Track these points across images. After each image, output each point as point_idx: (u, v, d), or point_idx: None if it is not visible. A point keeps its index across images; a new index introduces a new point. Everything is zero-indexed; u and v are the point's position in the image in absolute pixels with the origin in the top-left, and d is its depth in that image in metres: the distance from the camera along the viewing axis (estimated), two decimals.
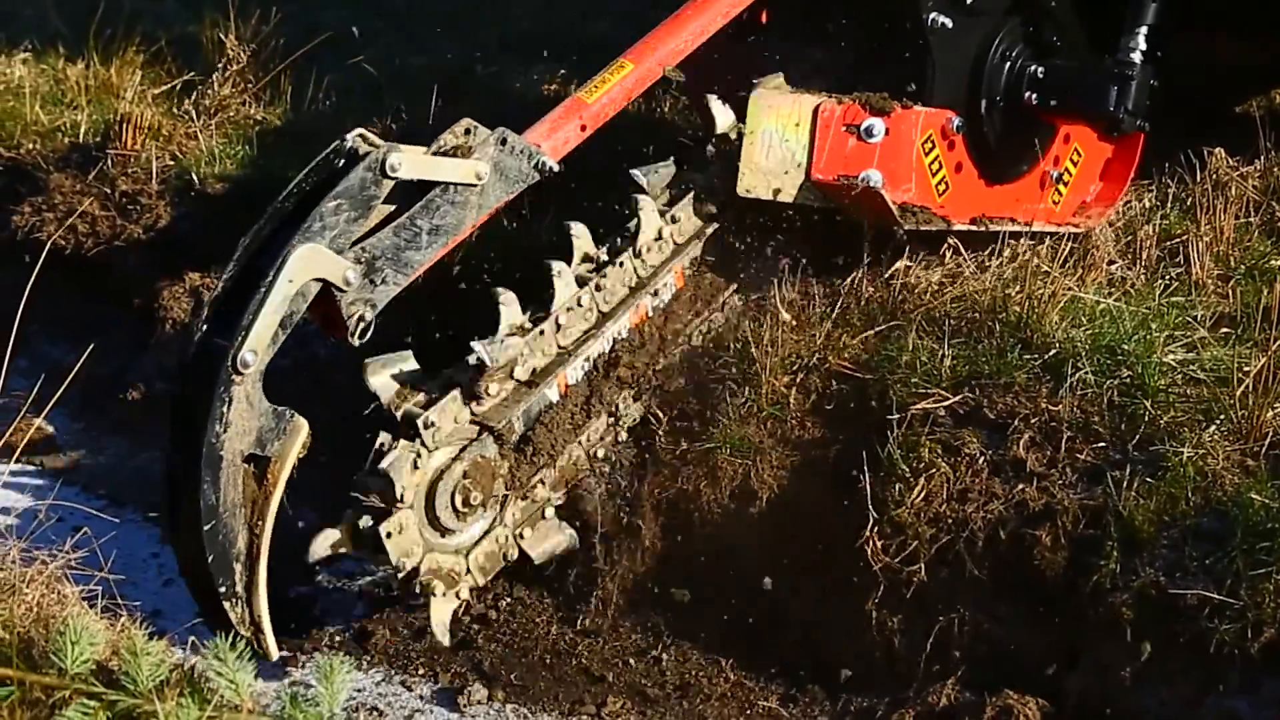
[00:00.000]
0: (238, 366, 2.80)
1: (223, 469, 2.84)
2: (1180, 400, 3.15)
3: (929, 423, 3.24)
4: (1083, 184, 3.93)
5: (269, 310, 2.80)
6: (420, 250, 2.99)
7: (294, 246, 2.82)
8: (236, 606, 2.92)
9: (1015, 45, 3.74)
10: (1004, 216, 3.73)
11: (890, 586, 3.15)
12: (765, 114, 3.51)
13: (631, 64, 3.40)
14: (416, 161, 2.97)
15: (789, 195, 3.51)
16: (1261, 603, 2.76)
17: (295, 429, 2.92)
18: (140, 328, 4.76)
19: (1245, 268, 3.63)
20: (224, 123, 5.30)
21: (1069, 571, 3.01)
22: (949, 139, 3.57)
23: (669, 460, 3.44)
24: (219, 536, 2.87)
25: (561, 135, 3.24)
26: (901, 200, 3.47)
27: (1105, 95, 3.68)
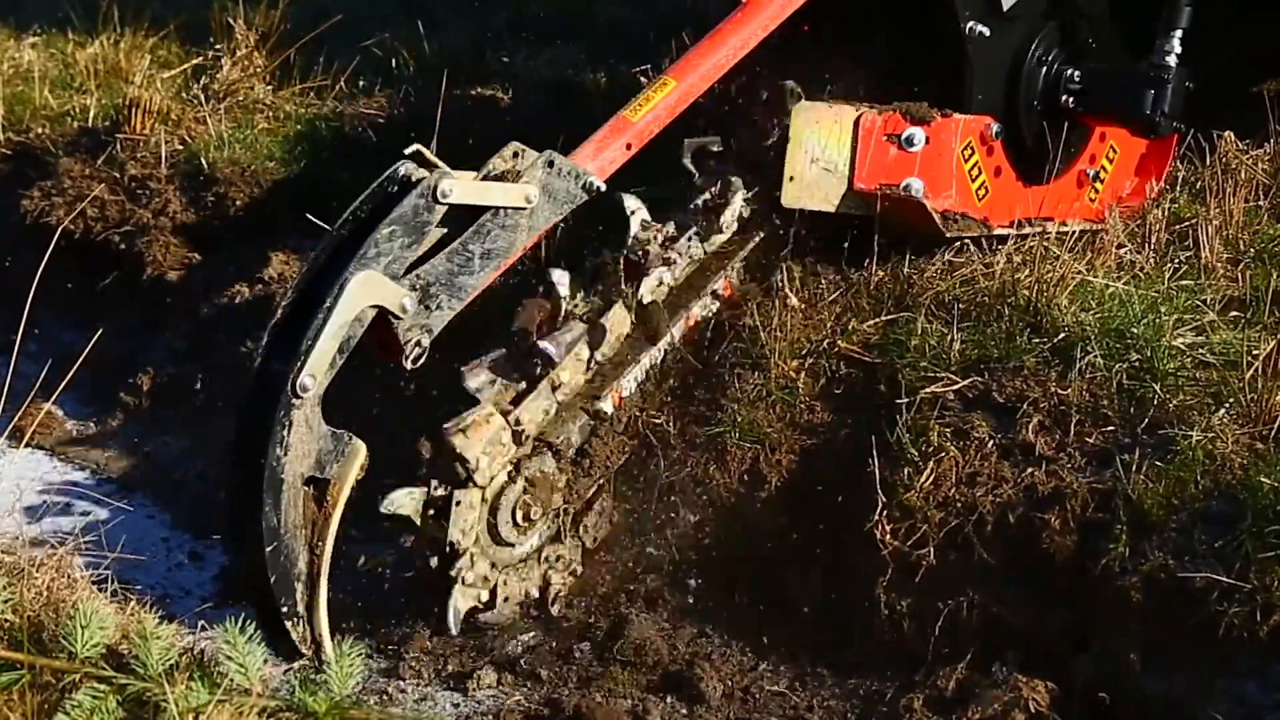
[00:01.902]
0: (297, 391, 2.83)
1: (284, 491, 2.87)
2: (1189, 384, 3.15)
3: (938, 407, 3.25)
4: (1119, 180, 3.95)
5: (327, 336, 2.84)
6: (473, 275, 3.03)
7: (351, 273, 2.85)
8: (298, 625, 2.95)
9: (1051, 50, 3.77)
10: (1043, 217, 3.76)
11: (899, 570, 3.15)
12: (808, 126, 3.56)
13: (674, 81, 3.38)
14: (467, 187, 3.00)
15: (832, 205, 3.56)
16: (1271, 586, 2.75)
17: (353, 452, 2.96)
18: (150, 312, 4.79)
19: (1255, 251, 3.63)
20: (233, 107, 5.32)
21: (1078, 555, 3.00)
22: (988, 144, 3.61)
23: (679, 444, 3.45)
24: (281, 557, 2.90)
25: (608, 155, 3.26)
26: (943, 207, 3.52)
27: (1142, 99, 3.70)
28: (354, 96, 5.35)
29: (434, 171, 2.98)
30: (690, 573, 3.40)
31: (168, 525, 4.04)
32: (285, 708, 2.71)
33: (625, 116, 3.31)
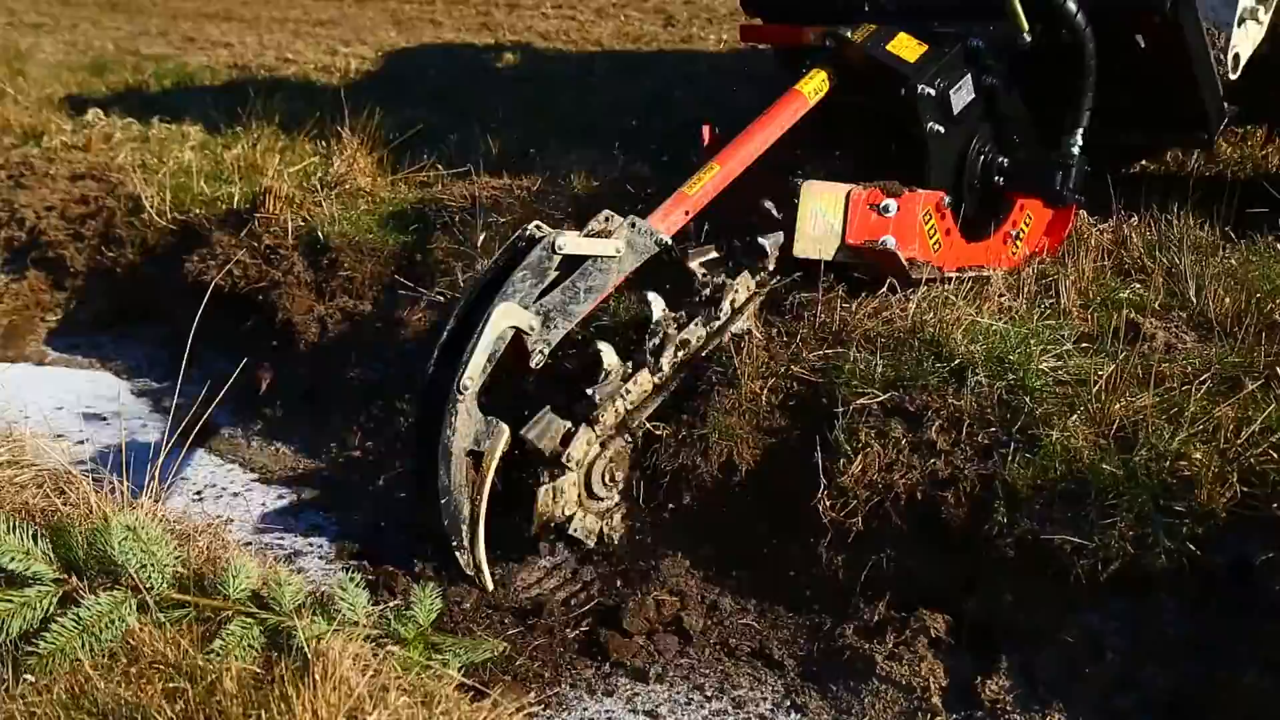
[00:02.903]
0: (460, 390, 2.98)
1: (453, 461, 3.00)
2: (1051, 396, 3.14)
3: (865, 415, 3.24)
4: (1033, 238, 3.97)
5: (481, 349, 3.00)
6: (580, 304, 3.19)
7: (496, 305, 3.02)
8: (463, 555, 3.08)
9: (987, 144, 3.82)
10: (979, 265, 3.81)
11: (836, 534, 3.15)
12: (812, 198, 3.62)
13: (719, 166, 3.51)
14: (575, 241, 3.17)
15: (829, 255, 3.61)
16: (1109, 544, 2.78)
17: (499, 431, 3.08)
18: (282, 346, 4.80)
19: (1100, 299, 3.62)
20: (342, 194, 5.33)
21: (968, 523, 3.00)
22: (941, 212, 3.66)
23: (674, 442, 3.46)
24: (451, 508, 3.03)
25: (673, 219, 3.40)
26: (909, 256, 3.57)
27: (1053, 179, 3.75)
28: (431, 185, 5.35)
29: (552, 231, 3.13)
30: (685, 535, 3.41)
31: (296, 503, 4.06)
32: (384, 635, 2.75)
33: (684, 192, 3.45)
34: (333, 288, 4.89)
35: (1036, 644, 2.87)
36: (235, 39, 9.97)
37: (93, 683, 2.49)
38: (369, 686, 2.42)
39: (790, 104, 3.66)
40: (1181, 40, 3.66)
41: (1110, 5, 3.62)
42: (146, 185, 5.75)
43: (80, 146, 6.63)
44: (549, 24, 9.13)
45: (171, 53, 9.50)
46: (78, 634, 2.60)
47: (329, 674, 2.42)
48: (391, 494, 4.07)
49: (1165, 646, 2.71)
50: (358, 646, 2.55)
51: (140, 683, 2.49)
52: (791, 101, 3.67)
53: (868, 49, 3.68)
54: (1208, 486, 2.77)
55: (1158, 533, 2.75)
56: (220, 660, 2.54)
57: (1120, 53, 3.67)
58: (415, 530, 3.75)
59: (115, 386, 5.09)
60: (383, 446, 4.27)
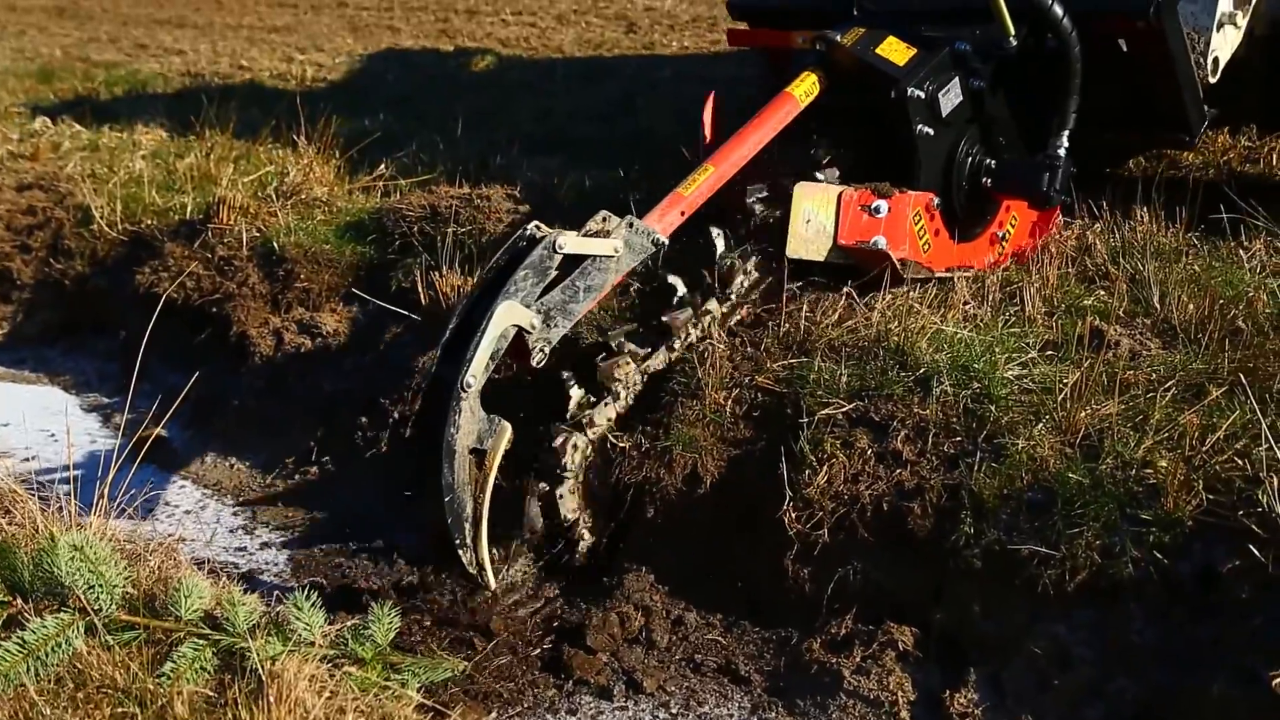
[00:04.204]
0: (463, 387, 2.99)
1: (456, 458, 3.02)
2: (1017, 405, 3.15)
3: (830, 425, 3.24)
4: (1018, 239, 4.02)
5: (483, 347, 3.03)
6: (579, 303, 3.23)
7: (498, 304, 3.06)
8: (466, 553, 3.10)
9: (975, 146, 3.87)
10: (966, 265, 3.86)
11: (802, 547, 3.15)
12: (804, 198, 3.67)
13: (713, 167, 3.56)
14: (576, 241, 3.21)
15: (821, 256, 3.66)
16: (1076, 554, 2.79)
17: (502, 429, 3.11)
18: (235, 359, 4.79)
19: (1065, 306, 3.63)
20: (297, 203, 5.31)
21: (934, 533, 3.01)
22: (930, 213, 3.70)
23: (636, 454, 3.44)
24: (455, 505, 3.05)
25: (669, 219, 3.44)
26: (900, 257, 3.61)
27: (1039, 180, 3.79)
28: (390, 194, 5.34)
29: (552, 231, 3.17)
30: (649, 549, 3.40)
31: (250, 520, 4.04)
32: (341, 655, 2.73)
33: (679, 192, 3.50)
34: (288, 299, 4.87)
35: (1005, 655, 2.86)
36: (188, 46, 9.89)
37: (38, 708, 2.46)
38: (325, 709, 2.41)
39: (782, 106, 3.72)
40: (1164, 45, 3.73)
41: (1095, 11, 3.69)
42: (96, 195, 5.71)
43: (27, 156, 6.57)
44: (509, 30, 9.12)
45: (122, 60, 9.42)
46: (22, 658, 2.56)
47: (284, 696, 2.41)
48: (350, 510, 4.04)
49: (1134, 656, 2.72)
50: (314, 667, 2.54)
51: (88, 708, 2.47)
52: (783, 104, 3.72)
53: (857, 52, 3.74)
54: (1173, 494, 2.79)
55: (1124, 541, 2.76)
56: (171, 683, 2.52)
57: (1104, 56, 3.74)
58: (374, 547, 3.74)
59: (64, 401, 5.04)
60: (341, 462, 4.26)
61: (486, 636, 3.12)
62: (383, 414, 4.20)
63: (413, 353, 4.32)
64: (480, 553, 3.11)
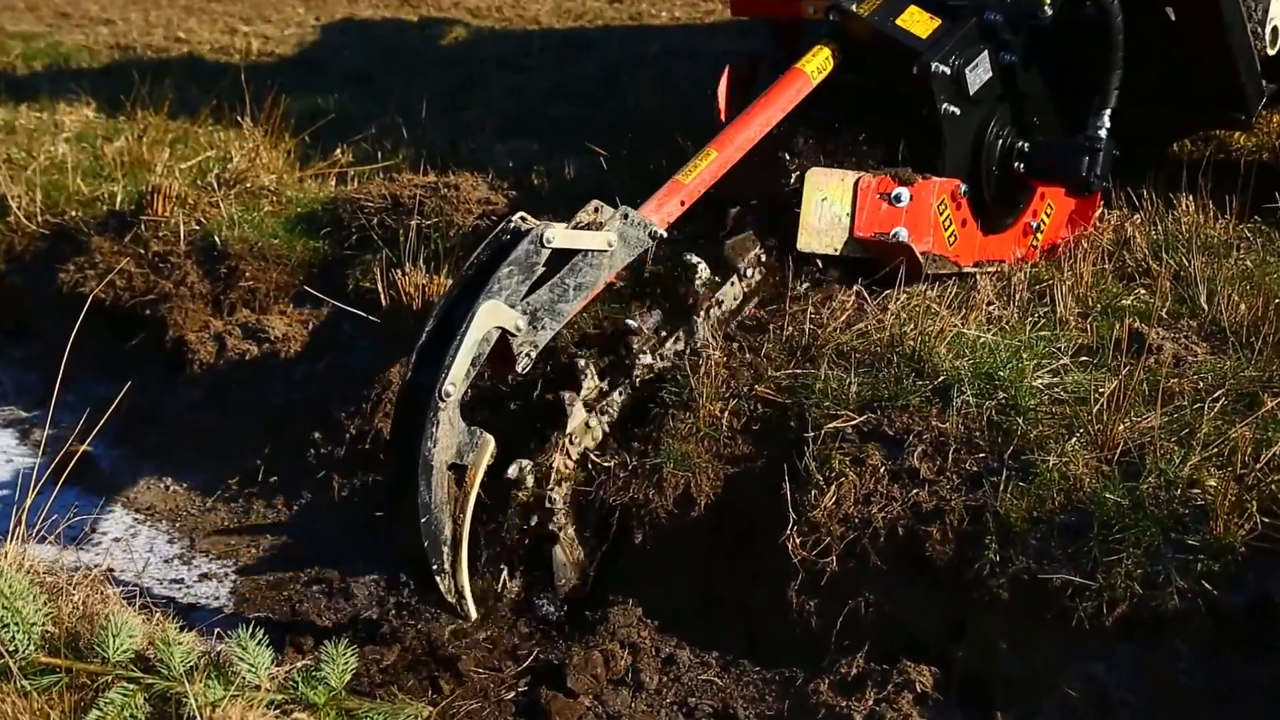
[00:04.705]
0: (442, 396, 2.99)
1: (433, 475, 3.01)
2: (1047, 417, 3.16)
3: (839, 439, 3.25)
4: (1054, 230, 4.06)
5: (464, 352, 3.02)
6: (569, 302, 3.23)
7: (480, 303, 3.05)
8: (444, 580, 3.08)
9: (1005, 126, 3.90)
10: (997, 259, 3.89)
11: (808, 576, 3.14)
12: (817, 186, 3.70)
13: (716, 152, 3.57)
14: (565, 234, 3.21)
15: (836, 249, 3.70)
16: (1114, 584, 2.79)
17: (484, 443, 3.11)
18: (172, 368, 4.77)
19: (1101, 306, 3.65)
20: (242, 193, 5.29)
21: (956, 561, 3.01)
22: (957, 201, 3.74)
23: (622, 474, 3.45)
24: (432, 527, 3.03)
25: (667, 210, 3.45)
26: (923, 250, 3.63)
27: (1079, 164, 3.81)
28: (345, 182, 5.34)
29: (539, 223, 3.17)
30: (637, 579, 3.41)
31: (188, 549, 4.03)
32: (290, 700, 2.73)
33: (679, 180, 3.51)
34: (232, 300, 4.86)
35: (1035, 698, 2.87)
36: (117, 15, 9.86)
37: None
38: None
39: (792, 84, 3.73)
40: (1217, 13, 3.75)
41: None
42: (13, 183, 5.69)
43: None
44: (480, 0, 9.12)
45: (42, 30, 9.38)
46: None
47: None
48: (302, 537, 4.04)
49: (1179, 698, 2.73)
50: (259, 714, 2.56)
51: None
52: (793, 81, 3.73)
53: (875, 23, 3.76)
54: (1223, 517, 2.80)
55: (1169, 570, 2.77)
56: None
57: (1149, 26, 3.76)
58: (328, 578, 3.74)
59: None
60: (292, 482, 4.25)
61: (455, 678, 3.12)
62: (338, 428, 4.19)
63: (372, 360, 4.32)
64: (460, 579, 3.10)
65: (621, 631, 3.27)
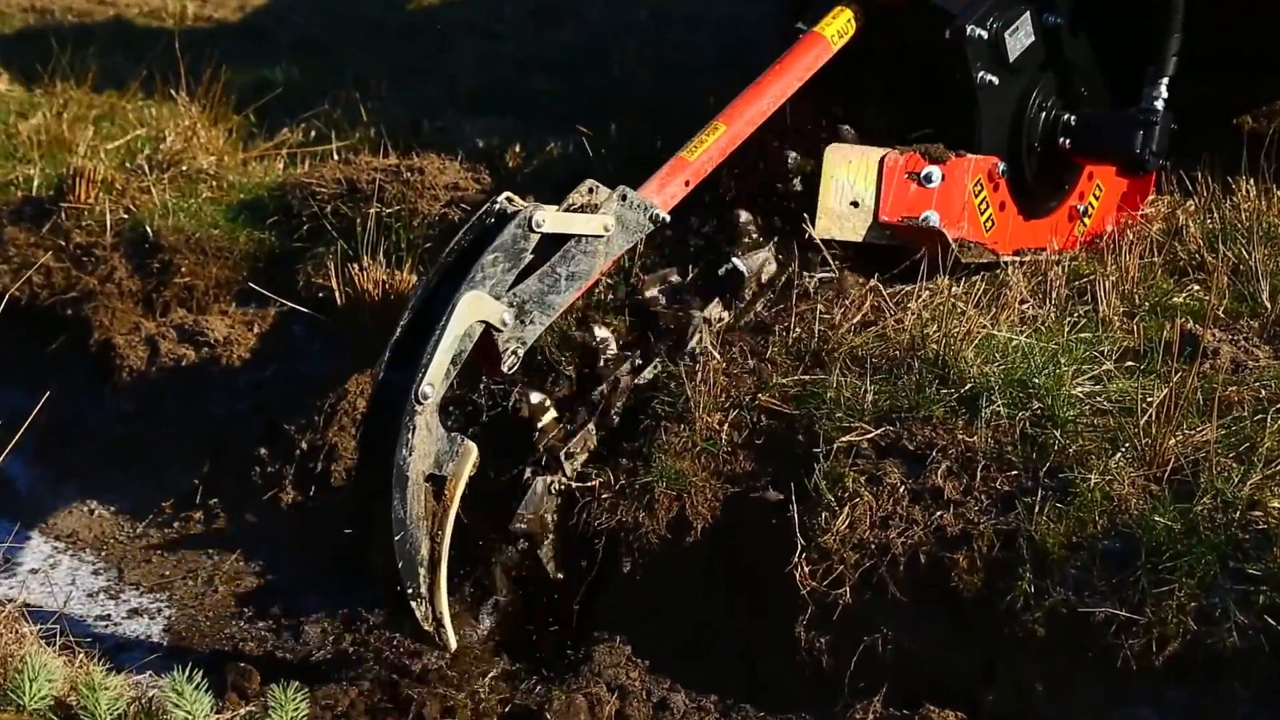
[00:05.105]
0: (419, 398, 2.99)
1: (409, 487, 3.02)
2: (1088, 430, 3.16)
3: (853, 455, 3.25)
4: (1103, 215, 4.08)
5: (443, 349, 3.03)
6: (560, 294, 3.24)
7: (461, 294, 3.05)
8: (421, 605, 3.09)
9: (1049, 97, 3.92)
10: (1039, 246, 3.91)
11: (818, 609, 3.14)
12: (838, 165, 3.71)
13: (724, 125, 3.57)
14: (556, 218, 3.21)
15: (859, 236, 3.73)
16: (1165, 618, 2.78)
17: (466, 451, 3.12)
18: (98, 375, 4.74)
19: (1149, 305, 3.66)
20: (177, 176, 5.27)
21: (985, 592, 3.01)
22: (994, 181, 3.77)
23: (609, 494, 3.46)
24: (406, 545, 3.03)
25: (670, 190, 3.46)
26: (957, 236, 3.66)
27: (1133, 139, 3.83)
28: (295, 165, 5.34)
29: (528, 205, 3.18)
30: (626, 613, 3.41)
31: (116, 580, 4.01)
32: None
33: (683, 157, 3.51)
34: (166, 299, 4.85)
35: None
36: None
37: None
38: None
39: (810, 50, 3.73)
40: None
41: None
42: None
43: None
44: None
45: None
46: None
47: None
48: (246, 566, 4.02)
49: None
50: None
51: None
52: (811, 47, 3.73)
53: None
54: None
55: (1227, 603, 2.77)
56: None
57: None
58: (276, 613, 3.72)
59: None
60: (234, 505, 4.25)
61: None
62: (287, 443, 4.18)
63: (326, 366, 4.32)
64: (438, 605, 3.10)
65: (608, 672, 3.27)
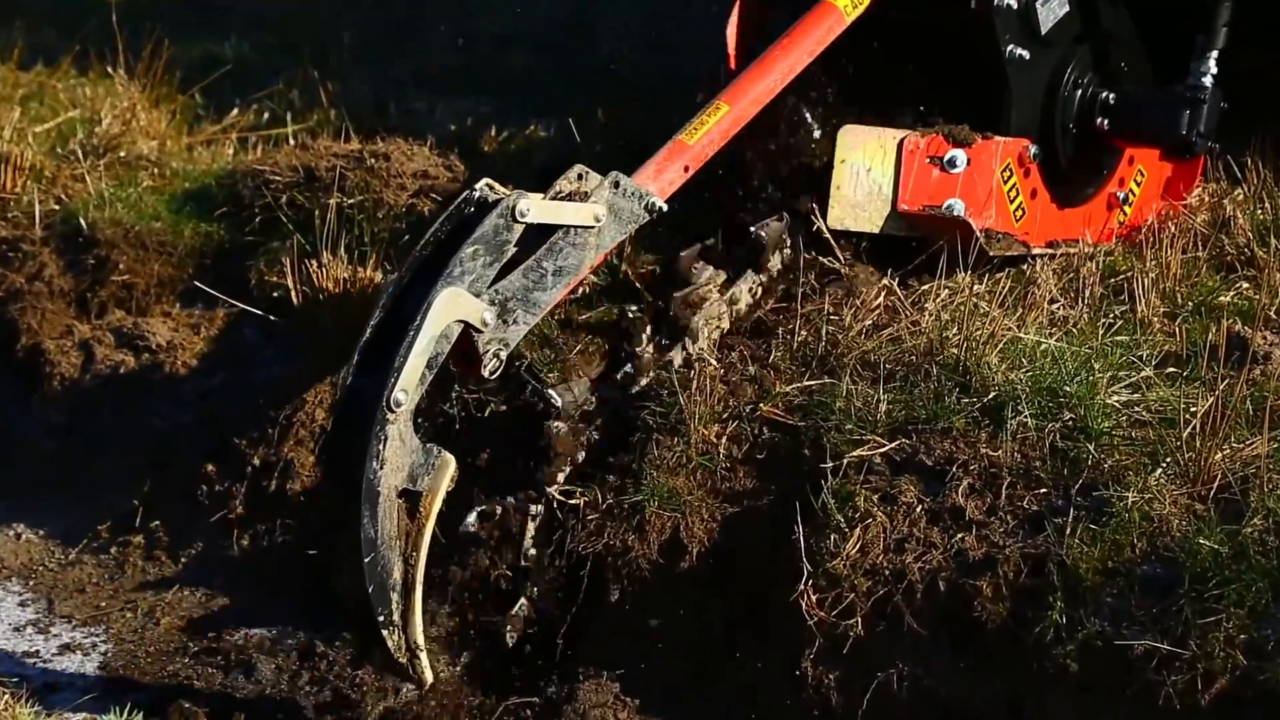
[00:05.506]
0: (391, 406, 2.98)
1: (380, 504, 3.01)
2: (1125, 443, 3.16)
3: (864, 471, 3.25)
4: (1145, 203, 4.10)
5: (417, 352, 3.02)
6: (547, 291, 3.24)
7: (437, 291, 3.04)
8: (394, 634, 3.08)
9: (1085, 73, 3.95)
10: (1074, 237, 3.93)
11: (827, 641, 3.13)
12: (852, 148, 3.75)
13: (727, 105, 3.57)
14: (543, 206, 3.22)
15: (875, 226, 3.77)
16: (1212, 653, 2.78)
17: (443, 464, 3.12)
18: (25, 383, 4.74)
19: (1193, 305, 3.66)
20: (114, 163, 5.28)
21: (1011, 623, 3.00)
22: (1025, 166, 3.80)
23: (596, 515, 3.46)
24: (377, 568, 3.03)
25: (667, 177, 3.46)
26: (984, 226, 3.68)
27: (1178, 119, 3.86)
28: (246, 150, 5.35)
29: (511, 193, 3.17)
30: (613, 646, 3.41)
31: (46, 612, 4.01)
32: None
33: (682, 140, 3.51)
34: (102, 299, 4.86)
35: None
36: None
37: None
38: None
39: (821, 21, 3.73)
40: None
41: None
42: None
43: None
44: None
45: None
46: None
47: None
48: (190, 596, 4.03)
49: None
50: None
51: None
52: (822, 18, 3.74)
53: None
54: None
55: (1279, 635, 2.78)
56: None
57: None
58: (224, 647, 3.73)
59: None
60: (178, 528, 4.24)
61: None
62: (238, 459, 4.19)
63: (281, 373, 4.32)
64: (412, 633, 3.10)
65: (594, 712, 3.28)
